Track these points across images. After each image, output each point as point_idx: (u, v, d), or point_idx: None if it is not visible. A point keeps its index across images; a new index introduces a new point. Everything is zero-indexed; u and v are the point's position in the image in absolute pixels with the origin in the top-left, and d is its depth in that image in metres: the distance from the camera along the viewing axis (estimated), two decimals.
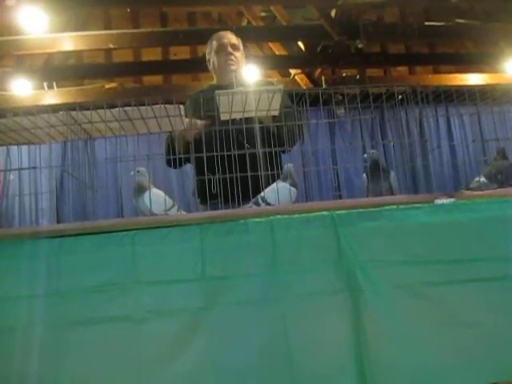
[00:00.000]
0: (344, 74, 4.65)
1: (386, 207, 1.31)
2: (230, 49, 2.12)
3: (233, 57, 2.12)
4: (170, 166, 1.92)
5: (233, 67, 2.12)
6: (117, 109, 1.43)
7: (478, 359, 1.18)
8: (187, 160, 1.73)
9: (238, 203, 1.48)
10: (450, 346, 1.17)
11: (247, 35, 4.33)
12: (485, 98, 1.55)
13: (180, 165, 1.78)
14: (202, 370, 1.15)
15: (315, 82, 4.76)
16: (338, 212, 1.28)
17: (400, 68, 5.54)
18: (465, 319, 1.20)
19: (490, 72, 5.01)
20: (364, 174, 1.68)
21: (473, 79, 4.92)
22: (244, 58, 2.21)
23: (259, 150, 1.56)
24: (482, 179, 1.58)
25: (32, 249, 1.23)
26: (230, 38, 2.16)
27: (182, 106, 1.48)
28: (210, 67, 2.22)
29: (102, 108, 1.43)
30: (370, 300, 1.17)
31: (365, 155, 1.67)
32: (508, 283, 1.22)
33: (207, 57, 2.24)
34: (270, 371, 1.15)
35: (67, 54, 4.94)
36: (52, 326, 1.16)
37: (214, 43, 2.16)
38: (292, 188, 1.50)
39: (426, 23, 4.81)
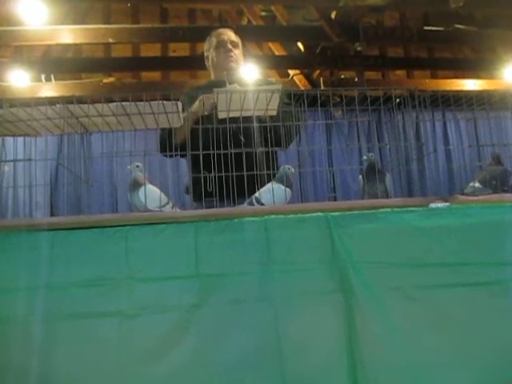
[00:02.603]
0: (342, 76, 4.66)
1: (381, 210, 1.31)
2: (229, 45, 2.10)
3: (232, 53, 2.10)
4: (166, 155, 1.77)
5: (232, 64, 2.10)
6: (114, 103, 1.42)
7: (470, 363, 1.18)
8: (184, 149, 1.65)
9: (233, 202, 1.48)
10: (441, 349, 1.17)
11: (247, 34, 4.33)
12: (481, 103, 1.56)
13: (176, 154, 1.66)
14: (193, 367, 1.15)
15: (313, 83, 4.77)
16: (332, 213, 1.28)
17: (398, 72, 5.57)
18: (457, 323, 1.20)
19: (487, 78, 5.04)
20: (360, 176, 1.69)
21: (470, 85, 4.94)
22: (242, 56, 2.19)
23: (256, 148, 1.55)
24: (477, 184, 1.59)
25: (25, 241, 1.22)
26: (230, 34, 2.14)
27: (179, 103, 1.47)
28: (208, 64, 2.20)
29: (100, 102, 1.42)
30: (362, 301, 1.17)
31: (364, 157, 1.67)
32: (501, 287, 1.23)
33: (205, 53, 2.21)
34: (261, 369, 1.15)
35: (66, 47, 4.93)
36: (43, 319, 1.15)
37: (214, 39, 2.14)
38: (287, 189, 1.50)
39: (425, 28, 4.83)
